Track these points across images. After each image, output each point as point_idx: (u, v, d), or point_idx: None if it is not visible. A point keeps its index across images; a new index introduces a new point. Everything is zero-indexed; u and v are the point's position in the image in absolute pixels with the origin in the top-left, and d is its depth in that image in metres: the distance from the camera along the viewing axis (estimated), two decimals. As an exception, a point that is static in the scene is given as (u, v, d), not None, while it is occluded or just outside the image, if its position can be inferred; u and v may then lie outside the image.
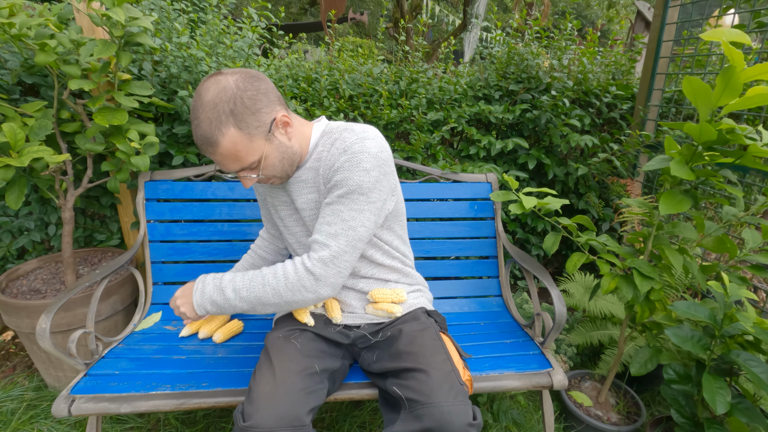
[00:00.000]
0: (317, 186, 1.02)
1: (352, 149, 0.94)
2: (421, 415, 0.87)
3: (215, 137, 0.87)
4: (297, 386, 0.92)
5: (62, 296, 1.16)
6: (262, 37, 1.84)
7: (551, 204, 1.23)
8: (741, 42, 0.88)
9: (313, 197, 1.04)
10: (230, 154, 0.89)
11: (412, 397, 0.91)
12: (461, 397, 0.90)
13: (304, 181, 1.04)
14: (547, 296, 2.33)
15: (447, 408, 0.87)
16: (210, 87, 0.86)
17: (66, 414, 1.04)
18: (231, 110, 0.86)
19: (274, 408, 0.87)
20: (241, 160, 0.91)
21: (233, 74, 0.88)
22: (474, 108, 1.96)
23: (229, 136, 0.87)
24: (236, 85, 0.87)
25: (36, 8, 1.42)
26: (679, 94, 1.88)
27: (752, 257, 1.16)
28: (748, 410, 1.07)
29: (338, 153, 0.96)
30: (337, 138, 0.99)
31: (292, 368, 0.96)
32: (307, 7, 9.41)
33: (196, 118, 0.87)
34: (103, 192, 1.75)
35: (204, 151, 0.90)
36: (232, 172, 0.94)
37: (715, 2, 1.70)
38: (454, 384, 0.92)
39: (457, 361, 1.04)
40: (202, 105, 0.86)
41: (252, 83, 0.89)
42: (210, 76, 0.88)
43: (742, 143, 1.02)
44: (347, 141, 0.96)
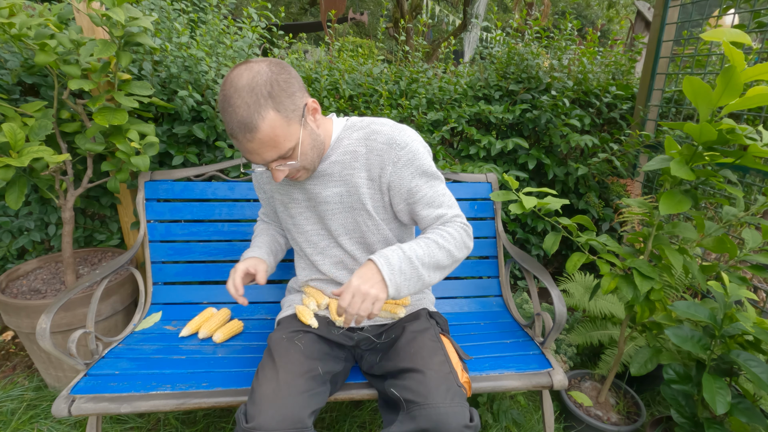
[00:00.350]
0: (344, 179, 1.03)
1: (404, 140, 1.00)
2: (418, 416, 0.87)
3: (255, 121, 0.84)
4: (300, 388, 0.92)
5: (62, 296, 1.16)
6: (262, 37, 1.84)
7: (551, 204, 1.23)
8: (741, 42, 0.88)
9: (339, 191, 1.04)
10: (269, 139, 0.86)
11: (410, 398, 0.91)
12: (458, 398, 0.90)
13: (329, 175, 1.03)
14: (547, 296, 2.33)
15: (444, 409, 0.87)
16: (243, 73, 0.84)
17: (66, 414, 1.04)
18: (269, 92, 0.84)
19: (277, 410, 0.86)
20: (279, 147, 0.88)
21: (262, 61, 0.87)
22: (474, 108, 1.96)
23: (269, 119, 0.84)
24: (269, 69, 0.86)
25: (36, 8, 1.42)
26: (679, 94, 1.88)
27: (752, 257, 1.16)
28: (748, 410, 1.07)
29: (388, 147, 0.99)
30: (371, 132, 1.01)
31: (296, 370, 0.95)
32: (307, 7, 9.41)
33: (231, 105, 0.83)
34: (103, 192, 1.75)
35: (241, 139, 0.86)
36: (267, 162, 0.90)
37: (715, 2, 1.70)
38: (452, 386, 0.92)
39: (456, 362, 1.04)
40: (237, 90, 0.83)
41: (283, 68, 0.88)
42: (238, 65, 0.86)
43: (742, 143, 1.02)
44: (389, 135, 1.00)
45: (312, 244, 1.13)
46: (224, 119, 0.86)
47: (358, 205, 1.06)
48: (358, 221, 1.08)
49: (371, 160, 1.01)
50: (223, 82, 0.86)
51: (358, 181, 1.03)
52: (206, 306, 1.53)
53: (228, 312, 1.45)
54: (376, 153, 1.00)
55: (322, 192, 1.05)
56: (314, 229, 1.12)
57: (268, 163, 0.91)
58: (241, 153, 0.94)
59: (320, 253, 1.14)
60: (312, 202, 1.08)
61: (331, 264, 1.14)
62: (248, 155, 0.90)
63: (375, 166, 1.01)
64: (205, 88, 1.63)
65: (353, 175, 1.02)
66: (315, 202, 1.07)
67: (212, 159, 1.75)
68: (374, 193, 1.04)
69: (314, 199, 1.07)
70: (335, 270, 1.15)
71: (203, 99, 1.64)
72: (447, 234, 0.99)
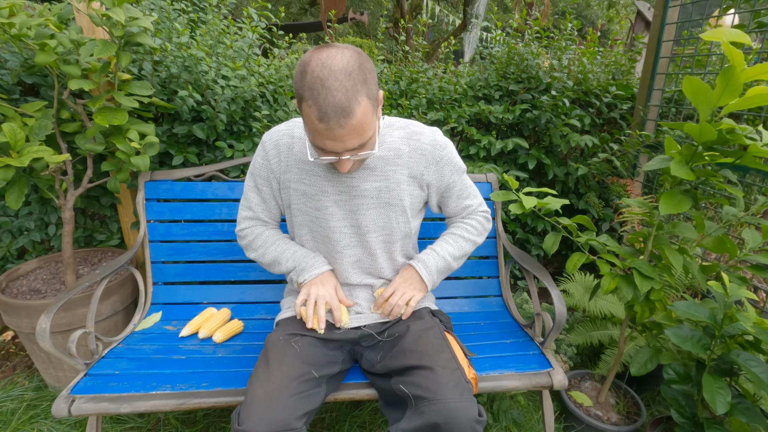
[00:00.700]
0: (386, 174, 1.06)
1: (443, 141, 1.10)
2: (427, 411, 0.88)
3: (352, 106, 0.81)
4: (292, 391, 0.92)
5: (62, 296, 1.16)
6: (262, 37, 1.84)
7: (551, 204, 1.22)
8: (741, 42, 0.88)
9: (379, 185, 1.06)
10: (359, 125, 0.84)
11: (419, 394, 0.91)
12: (467, 394, 0.91)
13: (371, 169, 1.05)
14: (547, 296, 2.33)
15: (453, 404, 0.87)
16: (335, 55, 0.82)
17: (66, 414, 1.04)
18: (364, 80, 0.83)
19: (267, 412, 0.86)
20: (364, 134, 0.86)
21: (345, 47, 0.85)
22: (474, 108, 1.96)
23: (363, 105, 0.83)
24: (358, 55, 0.84)
25: (36, 8, 1.42)
26: (679, 94, 1.88)
27: (752, 257, 1.16)
28: (748, 410, 1.07)
29: (430, 147, 1.08)
30: (412, 132, 1.08)
31: (289, 373, 0.95)
32: (307, 7, 9.41)
33: (327, 87, 0.80)
34: (103, 192, 1.75)
35: (332, 124, 0.82)
36: (347, 149, 0.87)
37: (715, 2, 1.70)
38: (460, 381, 0.93)
39: (462, 359, 1.05)
40: (333, 72, 0.80)
41: (366, 56, 0.87)
42: (324, 47, 0.84)
43: (742, 143, 1.02)
44: (430, 136, 1.08)
45: (332, 241, 1.11)
46: (314, 101, 0.81)
47: (396, 201, 1.09)
48: (390, 217, 1.10)
49: (414, 158, 1.07)
50: (310, 63, 0.82)
51: (400, 178, 1.07)
52: (206, 306, 1.53)
53: (228, 312, 1.45)
54: (420, 152, 1.07)
55: (360, 185, 1.05)
56: (340, 225, 1.10)
57: (346, 152, 0.88)
58: (313, 139, 0.87)
59: (339, 252, 1.12)
60: (345, 195, 1.07)
61: (348, 263, 1.14)
62: (329, 141, 0.85)
63: (418, 165, 1.08)
64: (205, 88, 1.63)
65: (396, 171, 1.06)
66: (349, 195, 1.07)
67: (212, 159, 1.75)
68: (413, 189, 1.10)
69: (349, 192, 1.06)
70: (351, 269, 1.15)
71: (203, 99, 1.64)
72: (471, 227, 1.22)
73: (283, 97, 1.81)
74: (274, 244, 1.16)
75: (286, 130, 1.10)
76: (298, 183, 1.09)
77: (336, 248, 1.12)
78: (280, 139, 1.09)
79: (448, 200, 1.18)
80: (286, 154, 1.09)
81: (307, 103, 0.82)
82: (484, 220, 1.25)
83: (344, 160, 0.91)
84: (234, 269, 1.56)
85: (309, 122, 0.84)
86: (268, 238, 1.17)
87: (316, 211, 1.09)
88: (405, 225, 1.13)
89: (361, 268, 1.15)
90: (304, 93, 0.82)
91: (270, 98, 1.80)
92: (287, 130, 1.10)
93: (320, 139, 0.86)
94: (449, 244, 1.19)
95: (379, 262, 1.15)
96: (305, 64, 0.82)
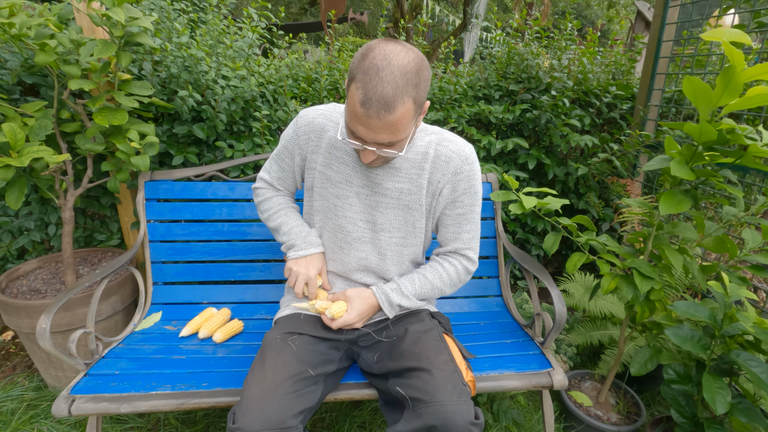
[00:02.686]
0: (411, 177, 1.06)
1: (472, 158, 1.07)
2: (424, 413, 0.88)
3: (395, 104, 0.82)
4: (287, 389, 0.91)
5: (62, 296, 1.16)
6: (262, 37, 1.84)
7: (551, 204, 1.22)
8: (741, 42, 0.88)
9: (401, 187, 1.06)
10: (395, 124, 0.85)
11: (416, 396, 0.91)
12: (464, 396, 0.91)
13: (397, 169, 1.05)
14: (547, 296, 2.33)
15: (450, 407, 0.87)
16: (399, 51, 0.83)
17: (66, 414, 1.04)
18: (416, 84, 0.84)
19: (262, 411, 0.86)
20: (396, 134, 0.87)
21: (411, 50, 0.86)
22: (474, 108, 1.96)
23: (406, 107, 0.84)
24: (421, 60, 0.85)
25: (36, 8, 1.42)
26: (679, 94, 1.88)
27: (752, 257, 1.16)
28: (748, 410, 1.07)
29: (457, 158, 1.05)
30: (443, 138, 1.06)
31: (285, 372, 0.95)
32: (307, 7, 9.41)
33: (380, 77, 0.81)
34: (103, 192, 1.75)
35: (371, 113, 0.83)
36: (375, 142, 0.88)
37: (715, 2, 1.70)
38: (457, 384, 0.93)
39: (460, 362, 1.04)
40: (390, 65, 0.81)
41: (427, 63, 0.88)
42: (393, 41, 0.85)
43: (742, 143, 1.02)
44: (460, 146, 1.06)
45: (345, 231, 1.11)
46: (364, 85, 0.82)
47: (416, 206, 1.08)
48: (407, 220, 1.10)
49: (437, 164, 1.05)
50: (374, 50, 0.83)
51: (423, 183, 1.06)
52: (206, 306, 1.53)
53: (228, 312, 1.45)
54: (444, 159, 1.05)
55: (384, 183, 1.05)
56: (356, 217, 1.09)
57: (374, 143, 0.89)
58: (349, 121, 0.88)
59: (349, 243, 1.12)
60: (368, 190, 1.07)
61: (355, 258, 1.13)
62: (359, 126, 0.86)
63: (437, 171, 1.06)
64: (205, 88, 1.63)
65: (420, 176, 1.06)
66: (371, 191, 1.07)
67: (212, 159, 1.75)
68: (430, 199, 1.09)
69: (372, 188, 1.06)
70: (356, 265, 1.14)
71: (203, 99, 1.64)
72: (447, 275, 1.14)
73: (283, 97, 1.81)
74: (278, 212, 1.18)
75: (324, 110, 1.09)
76: (324, 167, 1.09)
77: (347, 239, 1.11)
78: (315, 118, 1.08)
79: (446, 220, 1.12)
80: (317, 135, 1.08)
81: (356, 85, 0.83)
82: (464, 271, 1.16)
83: (368, 151, 0.92)
84: (234, 269, 1.56)
85: (351, 104, 0.85)
86: (275, 204, 1.20)
87: (336, 198, 1.09)
88: (421, 230, 1.12)
89: (367, 267, 1.14)
90: (357, 74, 0.84)
91: (270, 98, 1.80)
92: (325, 111, 1.09)
93: (355, 122, 0.86)
94: (413, 283, 1.12)
95: (387, 263, 1.14)
96: (369, 49, 0.84)
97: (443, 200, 1.09)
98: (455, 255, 1.16)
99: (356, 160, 1.06)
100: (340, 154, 1.07)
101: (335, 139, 1.07)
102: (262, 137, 1.73)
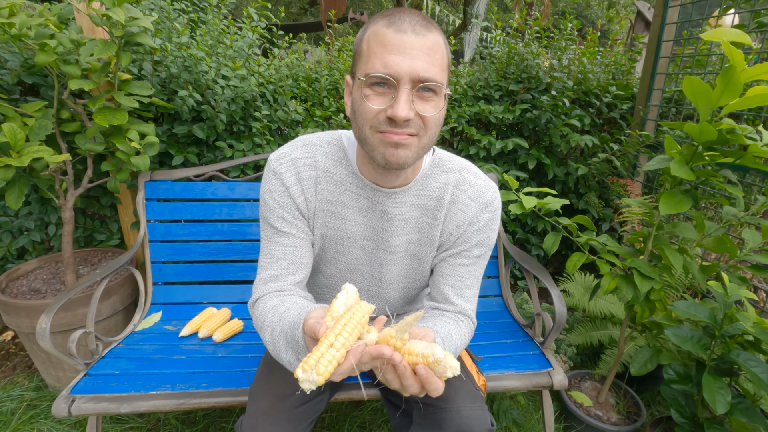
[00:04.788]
0: (421, 227, 0.89)
1: (494, 205, 0.88)
2: (441, 420, 0.85)
3: (429, 25, 0.71)
4: (295, 402, 0.90)
5: (62, 296, 1.16)
6: (262, 37, 1.84)
7: (551, 204, 1.22)
8: (741, 42, 0.88)
9: (410, 238, 0.90)
10: (432, 48, 0.70)
11: (429, 401, 0.88)
12: (479, 401, 0.89)
13: (406, 221, 0.88)
14: (547, 296, 2.33)
15: (466, 413, 0.85)
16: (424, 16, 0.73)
17: (66, 414, 1.04)
18: (447, 43, 0.75)
19: (273, 424, 0.84)
20: (433, 65, 0.70)
21: None
22: (474, 108, 1.96)
23: (441, 40, 0.72)
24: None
25: (36, 8, 1.42)
26: (679, 94, 1.88)
27: (752, 257, 1.16)
28: (748, 410, 1.06)
29: (475, 205, 0.87)
30: (462, 180, 0.87)
31: (293, 382, 0.92)
32: (307, 7, 9.41)
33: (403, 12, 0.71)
34: (103, 192, 1.75)
35: (406, 27, 0.69)
36: (414, 70, 0.68)
37: (715, 2, 1.70)
38: (471, 389, 0.91)
39: (470, 365, 1.03)
40: (420, 14, 0.72)
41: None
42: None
43: (742, 143, 1.02)
44: (481, 190, 0.87)
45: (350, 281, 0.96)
46: (387, 19, 0.70)
47: (425, 257, 0.93)
48: (416, 269, 0.95)
49: (452, 212, 0.88)
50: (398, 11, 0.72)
51: (435, 234, 0.89)
52: (206, 306, 1.53)
53: (228, 312, 1.46)
54: (461, 206, 0.88)
55: (392, 239, 0.89)
56: (361, 269, 0.95)
57: (410, 78, 0.69)
58: (374, 61, 0.70)
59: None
60: (372, 243, 0.91)
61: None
62: (393, 56, 0.68)
63: (451, 221, 0.88)
64: (205, 88, 1.63)
65: (433, 226, 0.89)
66: (377, 247, 0.91)
67: (212, 159, 1.75)
68: (438, 245, 0.92)
69: (378, 245, 0.91)
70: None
71: (203, 99, 1.64)
72: (465, 335, 0.88)
73: (283, 97, 1.81)
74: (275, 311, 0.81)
75: (306, 159, 0.85)
76: (321, 227, 0.89)
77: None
78: (302, 171, 0.84)
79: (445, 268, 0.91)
80: (312, 192, 0.86)
81: (374, 27, 0.71)
82: (468, 333, 0.90)
83: (402, 98, 0.69)
84: (234, 269, 1.56)
85: (374, 40, 0.70)
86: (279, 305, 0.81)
87: (338, 254, 0.93)
88: (428, 273, 0.97)
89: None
90: (370, 26, 0.72)
91: (270, 98, 1.79)
92: (308, 160, 0.85)
93: (384, 54, 0.69)
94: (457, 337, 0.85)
95: (396, 307, 1.05)
96: (373, 18, 0.74)
97: (450, 248, 0.91)
98: (462, 316, 0.91)
99: (357, 212, 0.88)
100: (337, 209, 0.88)
101: (330, 192, 0.86)
102: (262, 137, 1.73)
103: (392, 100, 0.70)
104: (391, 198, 0.85)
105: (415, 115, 0.71)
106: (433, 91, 0.71)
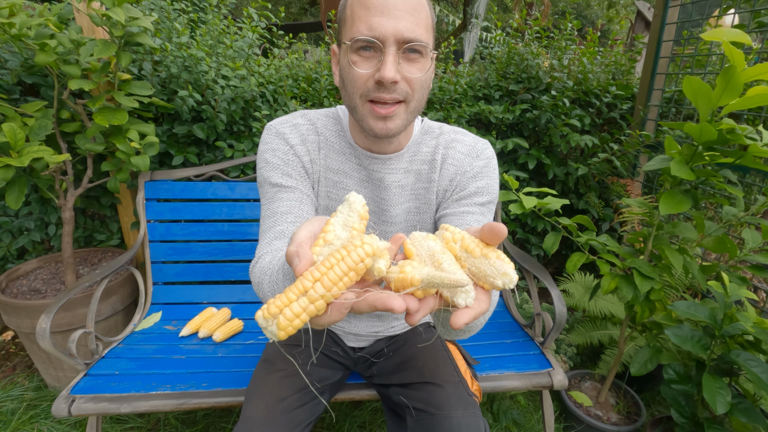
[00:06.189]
0: (417, 194, 0.91)
1: (485, 154, 0.89)
2: (431, 427, 0.85)
3: None
4: (294, 404, 0.89)
5: (62, 296, 1.16)
6: (262, 37, 1.84)
7: (551, 204, 1.22)
8: (741, 42, 0.88)
9: (408, 207, 0.92)
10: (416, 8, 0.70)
11: (420, 407, 0.88)
12: (471, 408, 0.88)
13: (402, 187, 0.89)
14: (547, 296, 2.33)
15: (456, 420, 0.85)
16: None
17: (66, 414, 1.04)
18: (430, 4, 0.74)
19: (270, 428, 0.84)
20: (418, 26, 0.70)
21: None
22: (474, 108, 1.96)
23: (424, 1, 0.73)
24: None
25: (36, 8, 1.42)
26: (679, 94, 1.88)
27: (752, 257, 1.16)
28: (748, 410, 1.06)
29: (466, 157, 0.88)
30: (451, 140, 0.89)
31: (292, 385, 0.92)
32: (307, 7, 9.41)
33: None
34: (103, 192, 1.75)
35: None
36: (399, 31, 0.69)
37: (715, 2, 1.70)
38: (463, 395, 0.90)
39: (464, 371, 1.02)
40: None
41: None
42: None
43: (743, 143, 1.02)
44: (471, 144, 0.89)
45: None
46: None
47: (426, 226, 0.94)
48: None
49: (444, 168, 0.89)
50: None
51: (431, 198, 0.91)
52: (206, 306, 1.53)
53: (228, 311, 1.46)
54: (451, 162, 0.88)
55: (393, 209, 0.90)
56: None
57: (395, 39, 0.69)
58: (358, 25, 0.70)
59: None
60: (373, 216, 0.92)
61: None
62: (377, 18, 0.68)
63: (445, 178, 0.89)
64: (205, 88, 1.63)
65: (428, 190, 0.90)
66: (378, 219, 0.92)
67: (212, 159, 1.75)
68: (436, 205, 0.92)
69: (378, 216, 0.92)
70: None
71: (203, 99, 1.64)
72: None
73: (283, 97, 1.81)
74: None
75: (307, 125, 0.87)
76: (324, 198, 0.90)
77: None
78: (305, 134, 0.86)
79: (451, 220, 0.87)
80: (317, 155, 0.87)
81: None
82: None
83: (389, 60, 0.69)
84: (234, 269, 1.56)
85: (357, 4, 0.71)
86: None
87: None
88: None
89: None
90: None
91: (270, 98, 1.79)
92: (309, 126, 0.87)
93: (368, 16, 0.69)
94: None
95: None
96: None
97: (448, 198, 0.90)
98: None
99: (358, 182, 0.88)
100: (340, 178, 0.88)
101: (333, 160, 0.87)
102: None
103: (379, 63, 0.71)
104: (385, 164, 0.87)
105: (402, 79, 0.72)
106: (419, 53, 0.72)
